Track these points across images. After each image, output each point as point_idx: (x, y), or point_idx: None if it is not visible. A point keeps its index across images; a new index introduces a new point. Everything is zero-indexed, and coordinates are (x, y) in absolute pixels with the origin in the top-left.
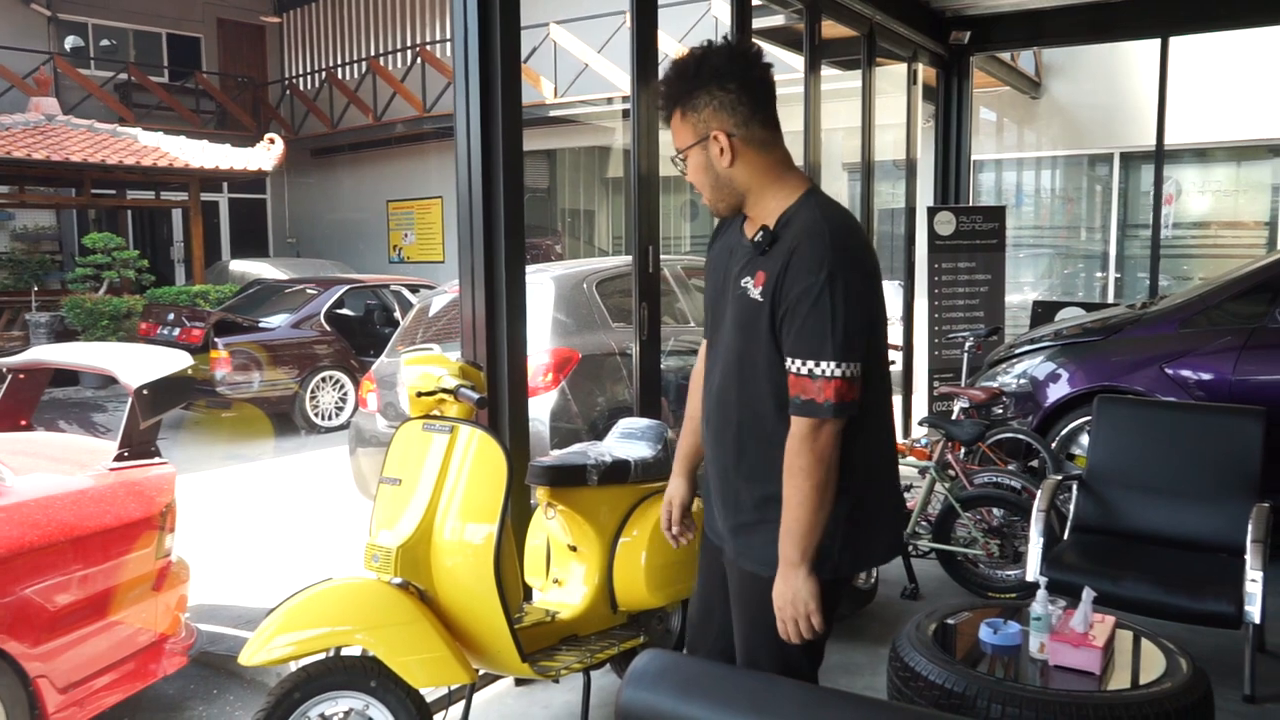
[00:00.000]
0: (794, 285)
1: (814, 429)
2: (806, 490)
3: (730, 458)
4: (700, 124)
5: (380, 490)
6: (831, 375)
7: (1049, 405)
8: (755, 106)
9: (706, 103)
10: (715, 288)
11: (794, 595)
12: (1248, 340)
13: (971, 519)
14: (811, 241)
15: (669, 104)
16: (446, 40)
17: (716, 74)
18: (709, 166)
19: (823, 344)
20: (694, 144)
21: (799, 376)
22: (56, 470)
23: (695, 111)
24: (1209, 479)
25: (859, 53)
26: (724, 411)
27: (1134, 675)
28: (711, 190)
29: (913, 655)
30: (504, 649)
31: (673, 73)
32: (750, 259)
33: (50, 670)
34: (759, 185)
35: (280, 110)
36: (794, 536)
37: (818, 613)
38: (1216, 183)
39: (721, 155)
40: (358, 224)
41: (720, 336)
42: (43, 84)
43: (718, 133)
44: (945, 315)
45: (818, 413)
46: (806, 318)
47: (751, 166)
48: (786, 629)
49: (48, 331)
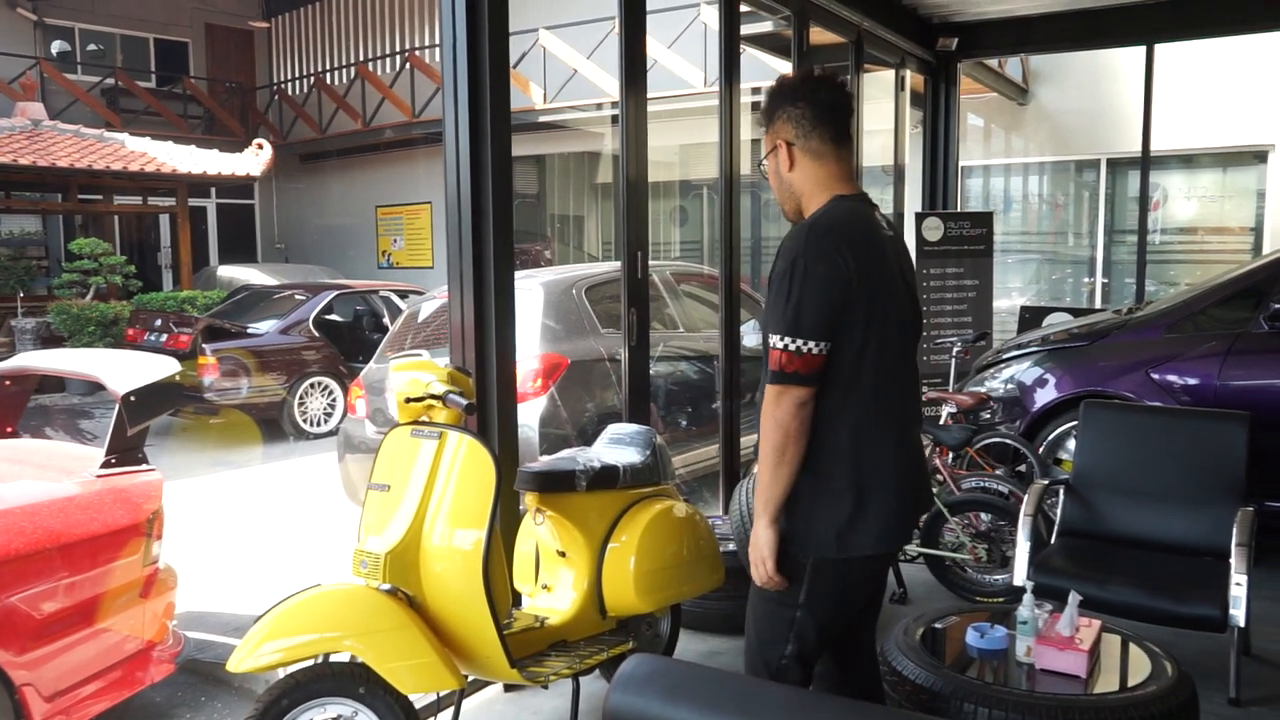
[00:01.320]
0: (773, 270)
1: (775, 395)
2: (765, 450)
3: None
4: (773, 134)
5: (369, 496)
6: (781, 347)
7: (1036, 410)
8: (816, 121)
9: (780, 117)
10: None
11: (754, 540)
12: (1233, 345)
13: (959, 524)
14: (794, 237)
15: (765, 119)
16: (435, 46)
17: (792, 94)
18: (776, 171)
19: (780, 320)
20: (768, 152)
21: (771, 349)
22: (43, 477)
23: (772, 124)
24: (1194, 483)
25: (847, 59)
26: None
27: (1120, 679)
28: (779, 193)
29: (900, 659)
30: (493, 655)
31: (771, 91)
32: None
33: (36, 678)
34: (809, 192)
35: (269, 115)
36: (757, 490)
37: (771, 559)
38: (1202, 188)
39: (785, 164)
40: (347, 229)
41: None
42: (29, 89)
43: (781, 142)
44: (933, 320)
45: (777, 379)
46: (775, 296)
47: (805, 174)
48: (755, 573)
49: (34, 338)
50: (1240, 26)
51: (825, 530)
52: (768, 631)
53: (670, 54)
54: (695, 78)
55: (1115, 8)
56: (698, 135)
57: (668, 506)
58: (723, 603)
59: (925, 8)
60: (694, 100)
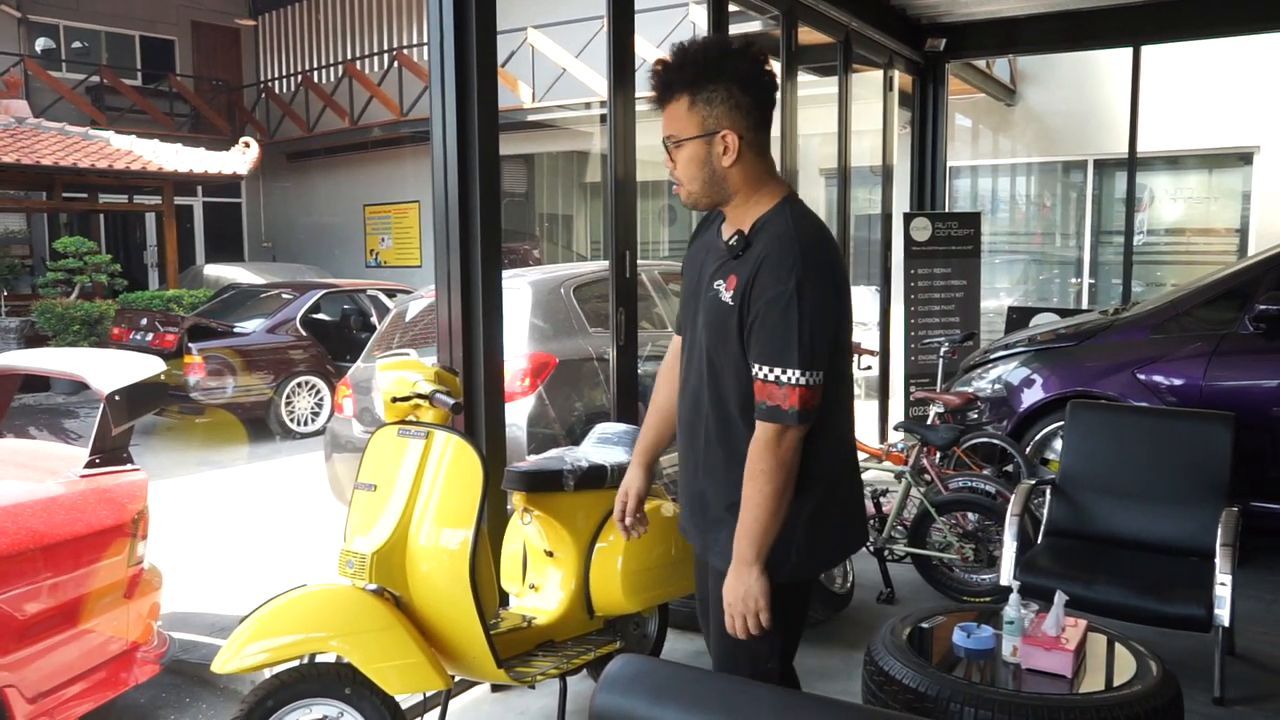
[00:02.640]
0: (763, 292)
1: (778, 434)
2: (767, 493)
3: (701, 456)
4: (711, 119)
5: (355, 496)
6: (796, 383)
7: (1023, 410)
8: (763, 116)
9: (723, 99)
10: (691, 285)
11: (745, 592)
12: (1218, 346)
13: (946, 523)
14: (782, 250)
15: (678, 87)
16: (423, 44)
17: (740, 76)
18: (707, 161)
19: (788, 351)
20: (698, 136)
21: (765, 382)
22: (26, 477)
23: (709, 105)
24: (1180, 483)
25: (836, 59)
26: (697, 410)
27: (1105, 678)
28: (702, 185)
29: (887, 659)
30: (480, 655)
31: (689, 56)
32: (724, 262)
33: (19, 680)
34: (747, 189)
35: (255, 114)
36: (751, 536)
37: (766, 610)
38: (1188, 190)
39: (725, 154)
40: (334, 228)
41: (694, 336)
42: (13, 86)
43: (728, 132)
44: (921, 320)
45: (782, 419)
46: (775, 325)
47: (745, 170)
48: (734, 625)
49: (17, 337)
50: (1226, 28)
51: (799, 552)
52: (747, 667)
53: (659, 53)
54: None
55: (1102, 10)
56: None
57: (655, 506)
58: None
59: (914, 8)
60: None
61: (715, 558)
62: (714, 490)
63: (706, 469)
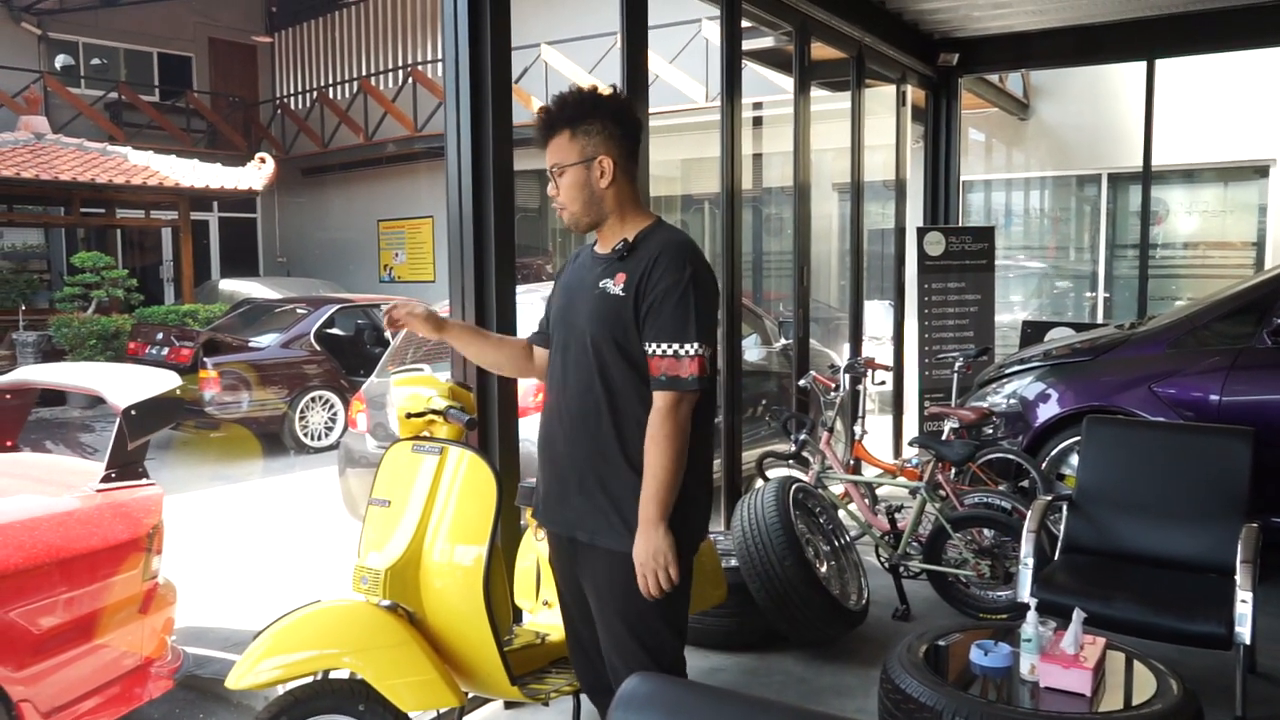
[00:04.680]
0: (660, 281)
1: (676, 401)
2: (670, 455)
3: (593, 443)
4: (589, 146)
5: (369, 512)
6: (696, 353)
7: (1039, 425)
8: (633, 150)
9: (600, 130)
10: (565, 301)
11: (655, 549)
12: (1235, 360)
13: (962, 539)
14: (676, 250)
15: (560, 123)
16: (438, 60)
17: (613, 114)
18: (587, 184)
19: (686, 328)
20: (578, 162)
21: (664, 357)
22: (42, 491)
23: (587, 135)
24: (1198, 499)
25: (848, 74)
26: (586, 399)
27: (1125, 697)
28: (582, 205)
29: (904, 677)
30: (493, 672)
31: (569, 99)
32: (608, 265)
33: (34, 694)
34: (620, 209)
35: (271, 129)
36: (656, 498)
37: (675, 564)
38: (1204, 203)
39: (602, 177)
40: (348, 243)
41: (574, 336)
42: (32, 102)
43: (605, 157)
44: (935, 335)
45: (682, 386)
46: (675, 307)
47: (619, 192)
48: (648, 584)
49: (35, 351)
50: (1241, 42)
51: (695, 525)
52: (653, 639)
53: (672, 69)
54: (697, 93)
55: (1116, 23)
56: (699, 150)
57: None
58: (724, 619)
59: (926, 23)
60: (695, 115)
61: (610, 539)
62: (609, 470)
63: (600, 454)
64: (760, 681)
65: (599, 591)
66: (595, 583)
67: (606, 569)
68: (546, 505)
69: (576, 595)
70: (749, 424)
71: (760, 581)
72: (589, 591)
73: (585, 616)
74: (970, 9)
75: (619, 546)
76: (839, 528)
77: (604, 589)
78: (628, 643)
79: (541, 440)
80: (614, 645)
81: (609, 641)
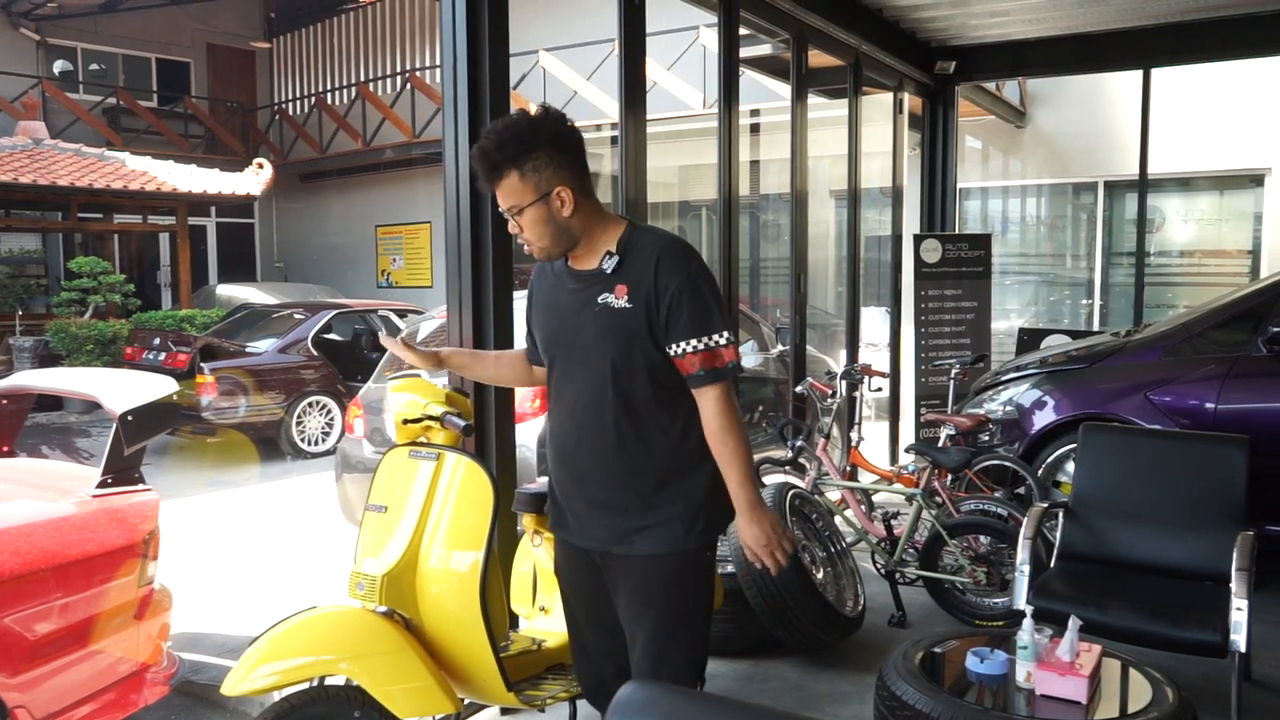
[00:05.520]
0: (670, 283)
1: (726, 390)
2: (740, 439)
3: (612, 456)
4: (542, 182)
5: (366, 517)
6: (727, 342)
7: (1035, 432)
8: (583, 168)
9: (546, 163)
10: (556, 322)
11: (770, 524)
12: (1231, 368)
13: (958, 546)
14: (672, 250)
15: (504, 167)
16: (435, 66)
17: (552, 140)
18: (550, 218)
19: (711, 320)
20: (535, 201)
21: (696, 353)
22: (38, 497)
23: (536, 172)
24: (1194, 507)
25: (845, 82)
26: (598, 416)
27: (1121, 704)
28: (551, 239)
29: (899, 684)
30: (489, 678)
31: (505, 136)
32: (601, 280)
33: (29, 700)
34: (589, 229)
35: (269, 135)
36: (746, 482)
37: (789, 533)
38: (1200, 211)
39: (563, 207)
40: (346, 249)
41: (580, 354)
42: (30, 108)
43: (561, 189)
44: (932, 342)
45: (724, 375)
46: (693, 303)
47: (584, 214)
48: (775, 557)
49: (32, 356)
50: (1237, 51)
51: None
52: (690, 636)
53: (670, 76)
54: (694, 99)
55: (1112, 32)
56: (696, 156)
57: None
58: (721, 625)
59: (924, 31)
60: (693, 122)
61: (646, 545)
62: (643, 481)
63: (631, 467)
64: (756, 688)
65: (637, 594)
66: (634, 586)
67: (647, 571)
68: (575, 524)
69: (586, 602)
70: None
71: (756, 588)
72: (625, 595)
73: (593, 623)
74: (967, 17)
75: (659, 549)
76: (835, 534)
77: (643, 590)
78: (666, 643)
79: (558, 459)
80: (650, 646)
81: (644, 645)
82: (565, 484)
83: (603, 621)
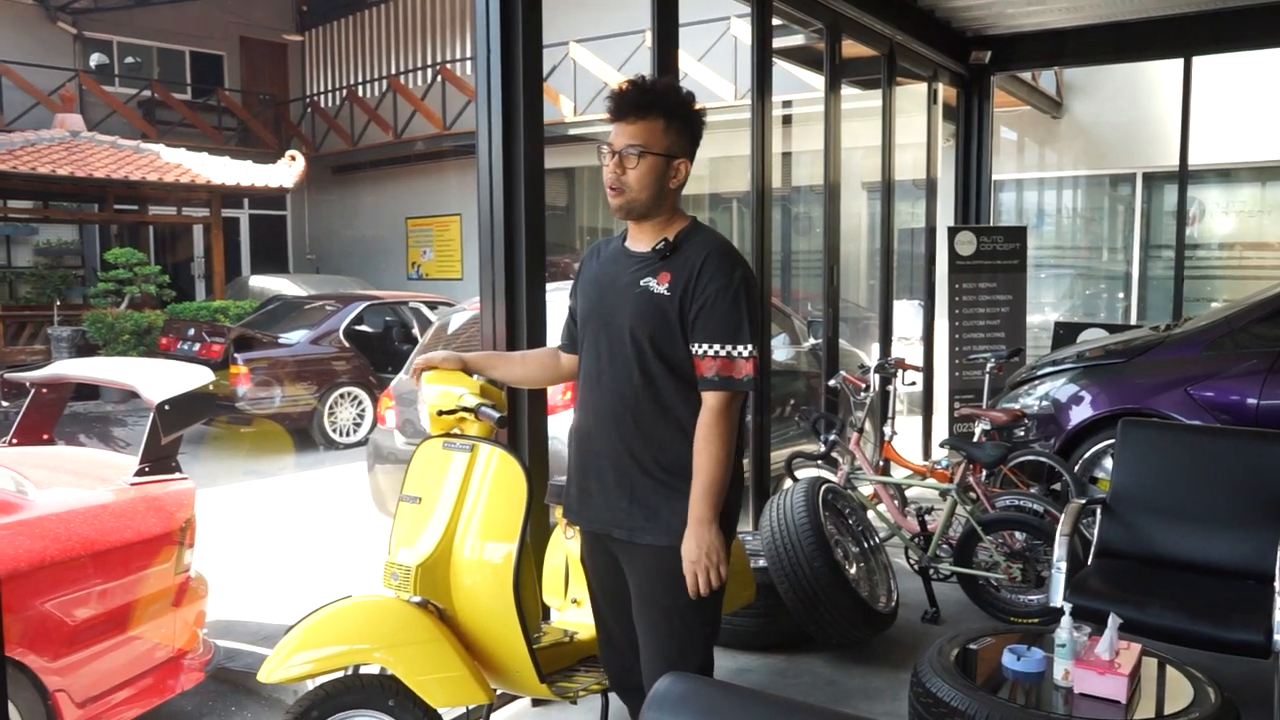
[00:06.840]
0: (711, 283)
1: (729, 401)
2: (721, 454)
3: (631, 436)
4: (675, 145)
5: (400, 508)
6: (750, 354)
7: (1071, 428)
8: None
9: (687, 134)
10: (597, 296)
11: (708, 547)
12: (1274, 363)
13: (993, 542)
14: (722, 252)
15: (656, 109)
16: (467, 59)
17: (696, 125)
18: (661, 177)
19: (741, 330)
20: (662, 154)
21: (716, 358)
22: (78, 484)
23: (679, 133)
24: (1235, 504)
25: (879, 72)
26: (622, 398)
27: (1160, 704)
28: (650, 196)
29: (935, 681)
30: (522, 669)
31: (670, 89)
32: (648, 264)
33: (69, 684)
34: (670, 210)
35: (301, 127)
36: (708, 496)
37: (725, 561)
38: (1241, 203)
39: (674, 177)
40: (377, 241)
41: (613, 333)
42: (68, 101)
43: (685, 161)
44: (966, 336)
45: (736, 386)
46: (728, 309)
47: (674, 197)
48: (698, 582)
49: (69, 346)
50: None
51: (734, 519)
52: (689, 635)
53: (701, 67)
54: (726, 91)
55: (1152, 20)
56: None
57: None
58: (754, 619)
59: (958, 21)
60: (725, 113)
61: (655, 536)
62: (643, 467)
63: (634, 450)
64: (789, 683)
65: (642, 587)
66: (639, 579)
67: (650, 565)
68: (578, 503)
69: (609, 592)
70: (778, 424)
71: (789, 582)
72: (633, 588)
73: (617, 613)
74: (1004, 6)
75: (659, 542)
76: (868, 529)
77: (646, 584)
78: (665, 639)
79: (575, 436)
80: (651, 640)
81: (647, 637)
82: (576, 459)
83: (625, 613)
